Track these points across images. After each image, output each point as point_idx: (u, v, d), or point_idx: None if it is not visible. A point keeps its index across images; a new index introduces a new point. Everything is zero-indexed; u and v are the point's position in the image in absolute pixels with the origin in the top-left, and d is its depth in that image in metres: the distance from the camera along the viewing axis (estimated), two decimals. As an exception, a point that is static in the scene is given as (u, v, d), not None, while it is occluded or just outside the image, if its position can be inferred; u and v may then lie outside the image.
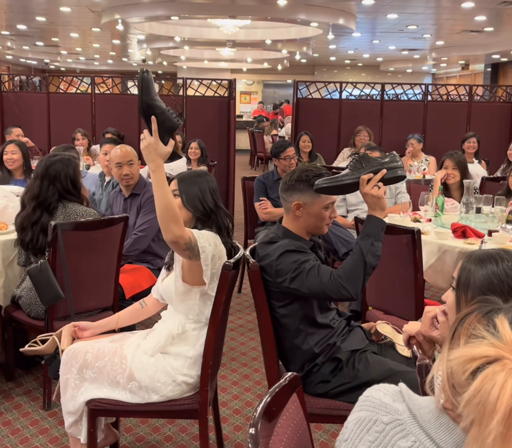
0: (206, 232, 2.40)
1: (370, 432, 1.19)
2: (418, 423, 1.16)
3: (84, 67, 23.77)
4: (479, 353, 1.02)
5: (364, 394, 1.27)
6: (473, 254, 1.62)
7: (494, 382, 0.98)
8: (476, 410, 0.99)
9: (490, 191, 4.88)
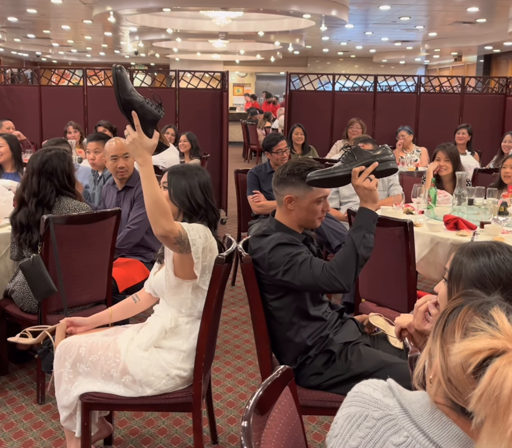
0: (196, 224, 2.40)
1: (360, 428, 1.18)
2: (410, 418, 1.15)
3: (76, 59, 23.62)
4: (483, 346, 1.02)
5: (353, 389, 1.26)
6: (466, 246, 1.63)
7: (505, 375, 0.97)
8: (489, 405, 0.98)
9: (483, 182, 4.89)
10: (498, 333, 1.04)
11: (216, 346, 3.81)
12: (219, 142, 8.06)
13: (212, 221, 2.51)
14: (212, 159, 7.65)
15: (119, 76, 2.22)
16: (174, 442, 2.89)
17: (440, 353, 1.11)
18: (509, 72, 16.99)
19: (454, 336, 1.10)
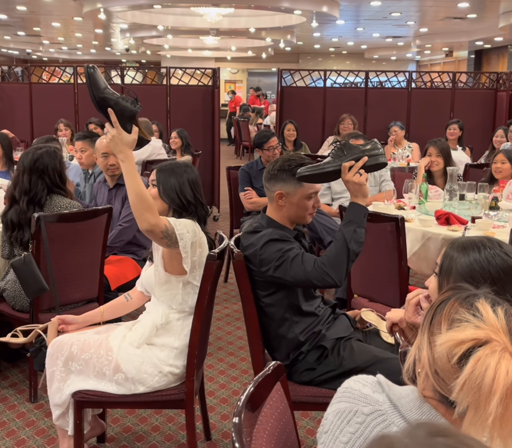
0: (184, 220, 2.40)
1: (350, 424, 1.19)
2: (400, 413, 1.16)
3: (67, 57, 23.53)
4: (467, 336, 1.04)
5: (343, 385, 1.27)
6: (457, 241, 1.63)
7: (487, 364, 0.99)
8: (471, 394, 1.00)
9: (474, 178, 4.91)
10: (482, 324, 1.05)
11: (209, 343, 3.82)
12: (210, 139, 8.04)
13: (201, 217, 2.51)
14: (204, 156, 7.64)
15: (91, 75, 2.23)
16: (167, 439, 2.89)
17: (427, 346, 1.12)
18: (500, 67, 17.03)
19: (440, 328, 1.11)
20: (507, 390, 0.97)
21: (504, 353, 1.01)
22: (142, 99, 7.77)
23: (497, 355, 1.00)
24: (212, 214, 7.82)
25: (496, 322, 1.06)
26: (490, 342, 1.02)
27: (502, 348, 1.01)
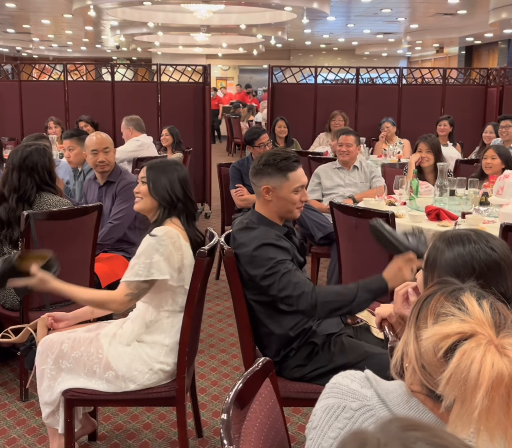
0: (152, 246, 2.37)
1: (339, 419, 1.19)
2: (388, 408, 1.16)
3: (57, 54, 23.41)
4: (453, 330, 1.04)
5: (331, 381, 1.27)
6: (443, 234, 1.62)
7: (473, 357, 1.00)
8: (457, 387, 1.00)
9: (464, 173, 4.91)
10: (467, 317, 1.06)
11: (201, 340, 3.82)
12: (202, 136, 8.03)
13: (190, 214, 2.51)
14: (195, 153, 7.62)
15: None
16: (159, 436, 2.89)
17: (414, 340, 1.12)
18: (490, 63, 17.07)
19: (426, 323, 1.11)
20: (493, 383, 0.98)
21: (490, 346, 1.01)
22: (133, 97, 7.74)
23: (483, 348, 1.01)
24: (203, 211, 7.81)
25: (481, 315, 1.06)
26: (476, 336, 1.03)
27: (487, 341, 1.02)
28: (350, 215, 3.39)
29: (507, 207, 3.48)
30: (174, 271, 2.40)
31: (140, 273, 2.35)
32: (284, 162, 2.42)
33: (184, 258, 2.43)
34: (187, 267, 2.45)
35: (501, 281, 1.55)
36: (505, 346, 1.02)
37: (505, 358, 1.00)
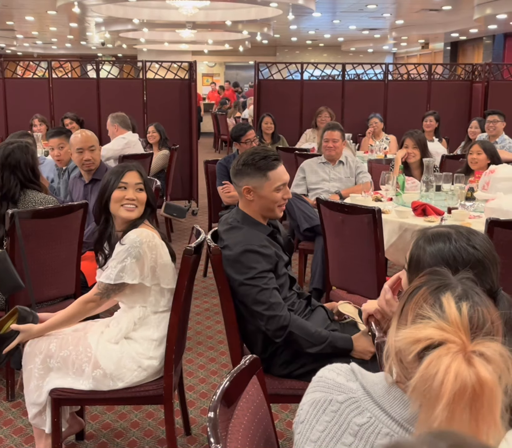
0: (132, 245, 2.38)
1: (326, 412, 1.20)
2: (373, 399, 1.17)
3: (42, 51, 23.24)
4: (423, 336, 1.04)
5: (317, 374, 1.27)
6: (424, 233, 1.60)
7: (438, 367, 0.99)
8: (423, 395, 1.01)
9: (450, 169, 4.93)
10: (442, 322, 1.05)
11: (188, 338, 3.81)
12: (188, 132, 8.00)
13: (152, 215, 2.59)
14: (182, 150, 7.59)
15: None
16: (147, 435, 2.88)
17: (394, 333, 1.13)
18: (475, 59, 17.13)
19: (406, 319, 1.12)
20: (455, 395, 0.97)
21: (457, 356, 1.00)
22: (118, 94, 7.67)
23: (449, 358, 1.00)
24: (191, 209, 7.79)
25: (457, 319, 1.05)
26: (445, 344, 1.02)
27: (457, 350, 1.01)
28: (337, 211, 3.39)
29: (493, 202, 3.49)
30: (147, 272, 2.40)
31: (111, 276, 2.37)
32: (263, 162, 2.41)
33: (158, 257, 2.43)
34: (163, 266, 2.45)
35: (486, 279, 1.53)
36: (473, 356, 1.00)
37: (471, 368, 0.99)
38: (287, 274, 2.53)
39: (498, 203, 3.45)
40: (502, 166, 4.04)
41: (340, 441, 1.16)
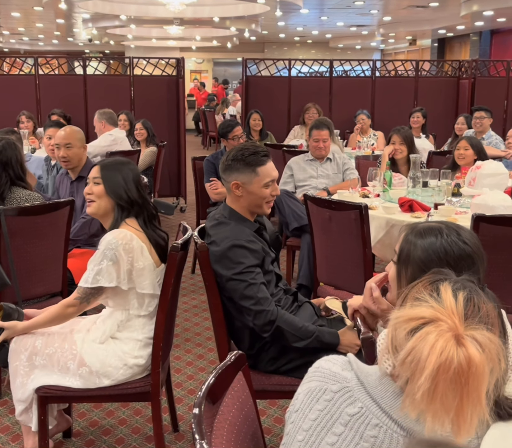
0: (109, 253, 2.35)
1: (320, 401, 1.21)
2: (366, 390, 1.19)
3: (28, 47, 23.07)
4: (415, 314, 1.08)
5: (314, 365, 1.29)
6: (415, 227, 1.62)
7: (426, 341, 1.03)
8: (410, 368, 1.04)
9: (437, 165, 4.95)
10: (437, 304, 1.08)
11: (176, 335, 3.81)
12: (176, 129, 7.98)
13: (149, 215, 2.49)
14: (170, 146, 7.57)
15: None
16: (134, 432, 2.88)
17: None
18: (462, 55, 17.20)
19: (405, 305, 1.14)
20: (439, 367, 1.00)
21: (446, 333, 1.04)
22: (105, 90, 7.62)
23: (438, 334, 1.04)
24: (179, 205, 7.78)
25: (452, 305, 1.09)
26: (436, 322, 1.05)
27: (446, 328, 1.04)
28: (324, 208, 3.40)
29: (479, 198, 3.51)
30: (124, 275, 2.36)
31: (89, 280, 2.35)
32: (252, 157, 2.41)
33: (134, 261, 2.37)
34: (139, 270, 2.39)
35: (474, 274, 1.56)
36: (466, 336, 1.04)
37: (461, 347, 1.02)
38: (273, 271, 2.53)
39: (484, 199, 3.47)
40: (488, 162, 4.06)
41: (331, 430, 1.18)
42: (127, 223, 2.42)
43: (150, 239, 2.45)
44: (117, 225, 2.41)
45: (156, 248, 2.47)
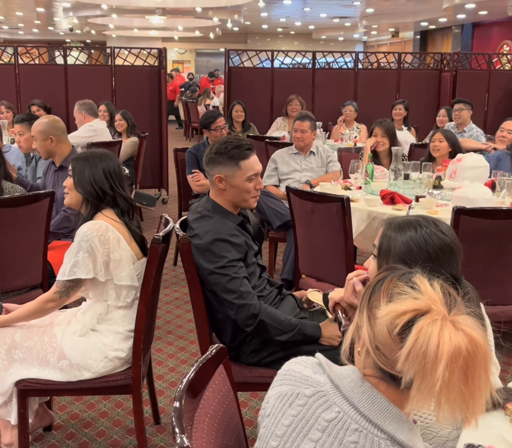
0: (84, 245, 2.32)
1: (293, 406, 1.18)
2: (341, 393, 1.16)
3: (8, 36, 22.80)
4: (408, 307, 1.06)
5: (283, 368, 1.26)
6: (393, 221, 1.64)
7: (430, 332, 1.02)
8: (417, 362, 1.02)
9: (419, 157, 4.97)
10: (421, 295, 1.08)
11: (158, 327, 3.80)
12: (157, 120, 7.93)
13: (124, 209, 2.45)
14: (152, 137, 7.53)
15: None
16: (115, 424, 2.87)
17: (367, 323, 1.13)
18: (445, 48, 17.25)
19: (380, 304, 1.12)
20: (452, 355, 1.00)
21: (445, 321, 1.04)
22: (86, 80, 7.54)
23: (439, 323, 1.03)
24: (161, 197, 7.74)
25: (433, 294, 1.09)
26: (430, 312, 1.05)
27: (442, 317, 1.05)
28: (306, 200, 3.40)
29: (460, 191, 3.53)
30: (100, 266, 2.35)
31: (66, 272, 2.33)
32: (235, 151, 2.40)
33: (111, 252, 2.36)
34: (116, 262, 2.37)
35: (453, 263, 1.58)
36: (458, 320, 1.05)
37: (460, 331, 1.03)
38: (256, 263, 2.53)
39: (465, 191, 3.49)
40: (469, 154, 4.08)
41: (307, 436, 1.15)
42: (103, 214, 2.41)
43: (129, 229, 2.44)
44: (89, 217, 2.40)
45: (135, 238, 2.45)
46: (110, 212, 2.42)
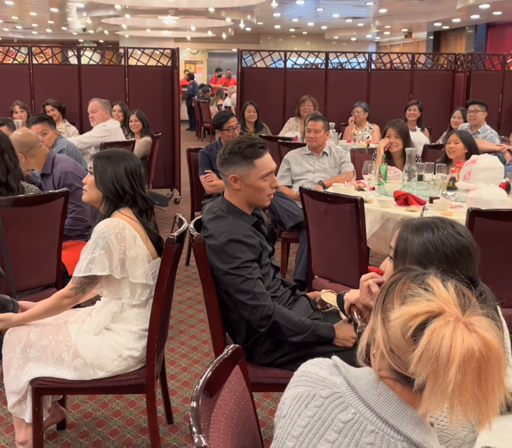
0: (100, 242, 2.34)
1: (309, 407, 1.19)
2: (358, 395, 1.16)
3: (22, 36, 22.90)
4: (421, 309, 1.06)
5: (300, 369, 1.27)
6: (409, 223, 1.64)
7: (443, 334, 1.02)
8: (430, 364, 1.02)
9: (432, 158, 4.95)
10: (434, 297, 1.07)
11: (171, 327, 3.81)
12: (170, 120, 7.94)
13: (143, 209, 2.47)
14: (164, 137, 7.54)
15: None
16: (128, 423, 2.88)
17: (381, 325, 1.13)
18: (458, 49, 17.17)
19: (393, 306, 1.12)
20: (464, 357, 1.00)
21: (458, 323, 1.04)
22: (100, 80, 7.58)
23: (452, 325, 1.03)
24: (173, 197, 7.76)
25: (447, 295, 1.09)
26: (443, 314, 1.05)
27: (455, 319, 1.04)
28: (320, 201, 3.39)
29: (474, 192, 3.51)
30: (116, 264, 2.36)
31: (82, 269, 2.34)
32: (249, 150, 2.40)
33: (127, 250, 2.37)
34: (132, 260, 2.39)
35: (470, 265, 1.58)
36: (472, 322, 1.04)
37: (473, 333, 1.02)
38: (270, 263, 2.53)
39: (479, 193, 3.47)
40: (483, 156, 4.05)
41: (323, 437, 1.15)
42: (121, 212, 2.43)
43: (146, 229, 2.45)
44: (107, 215, 2.42)
45: (152, 238, 2.46)
46: (128, 211, 2.44)
